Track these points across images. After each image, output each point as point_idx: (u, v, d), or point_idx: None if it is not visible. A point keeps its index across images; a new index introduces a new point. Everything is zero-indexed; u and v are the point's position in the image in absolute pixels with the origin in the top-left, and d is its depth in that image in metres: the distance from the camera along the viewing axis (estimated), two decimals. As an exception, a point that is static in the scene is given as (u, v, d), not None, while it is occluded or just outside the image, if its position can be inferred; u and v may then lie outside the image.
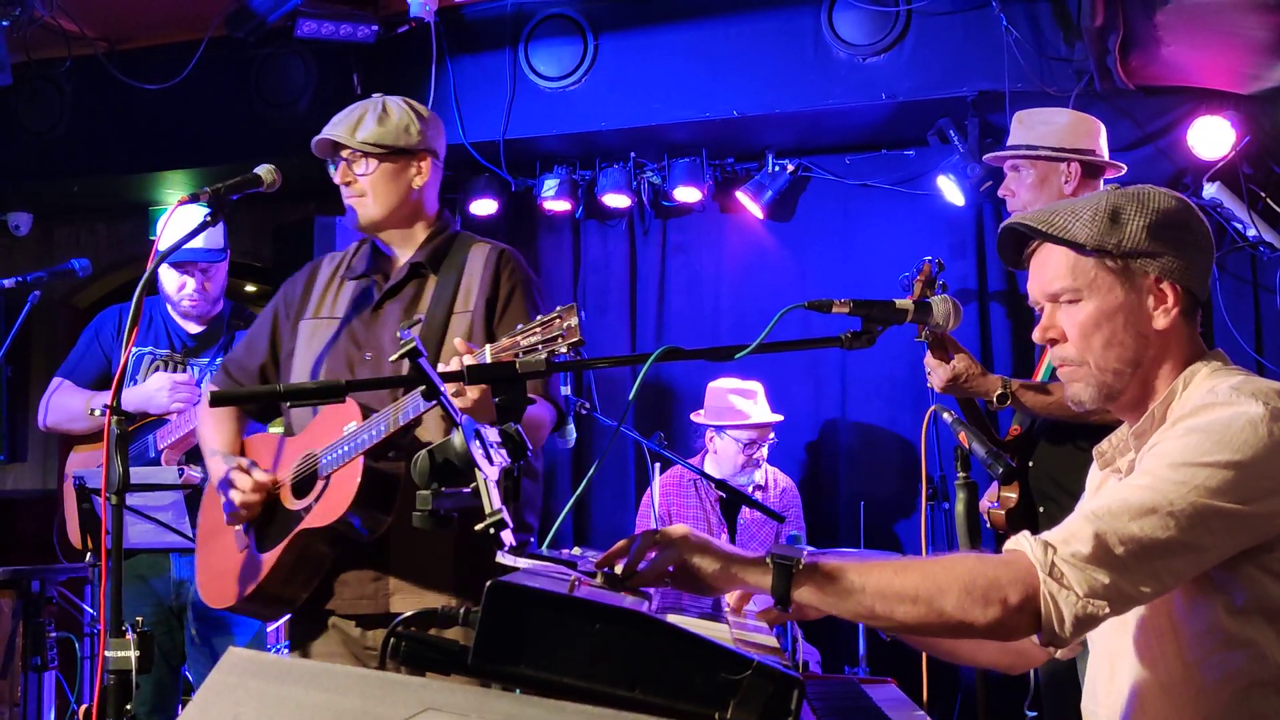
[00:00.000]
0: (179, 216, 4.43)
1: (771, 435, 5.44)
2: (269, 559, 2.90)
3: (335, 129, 3.09)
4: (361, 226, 3.13)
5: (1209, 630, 1.87)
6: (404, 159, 3.10)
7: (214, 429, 3.22)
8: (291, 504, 2.94)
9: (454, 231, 3.20)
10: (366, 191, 3.08)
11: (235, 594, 2.97)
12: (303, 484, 2.94)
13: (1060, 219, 1.99)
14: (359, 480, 2.77)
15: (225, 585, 3.03)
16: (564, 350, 2.19)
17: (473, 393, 2.58)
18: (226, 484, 2.96)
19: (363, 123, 3.09)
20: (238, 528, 3.02)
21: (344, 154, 3.09)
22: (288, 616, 3.13)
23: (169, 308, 4.48)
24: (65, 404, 4.49)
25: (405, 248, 3.15)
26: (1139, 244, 1.94)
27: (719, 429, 5.42)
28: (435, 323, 2.99)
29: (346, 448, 2.82)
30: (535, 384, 2.92)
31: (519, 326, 2.29)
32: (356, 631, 2.96)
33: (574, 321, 2.17)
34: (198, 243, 4.10)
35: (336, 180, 3.11)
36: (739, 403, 5.40)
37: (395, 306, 3.07)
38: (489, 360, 2.37)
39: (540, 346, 2.21)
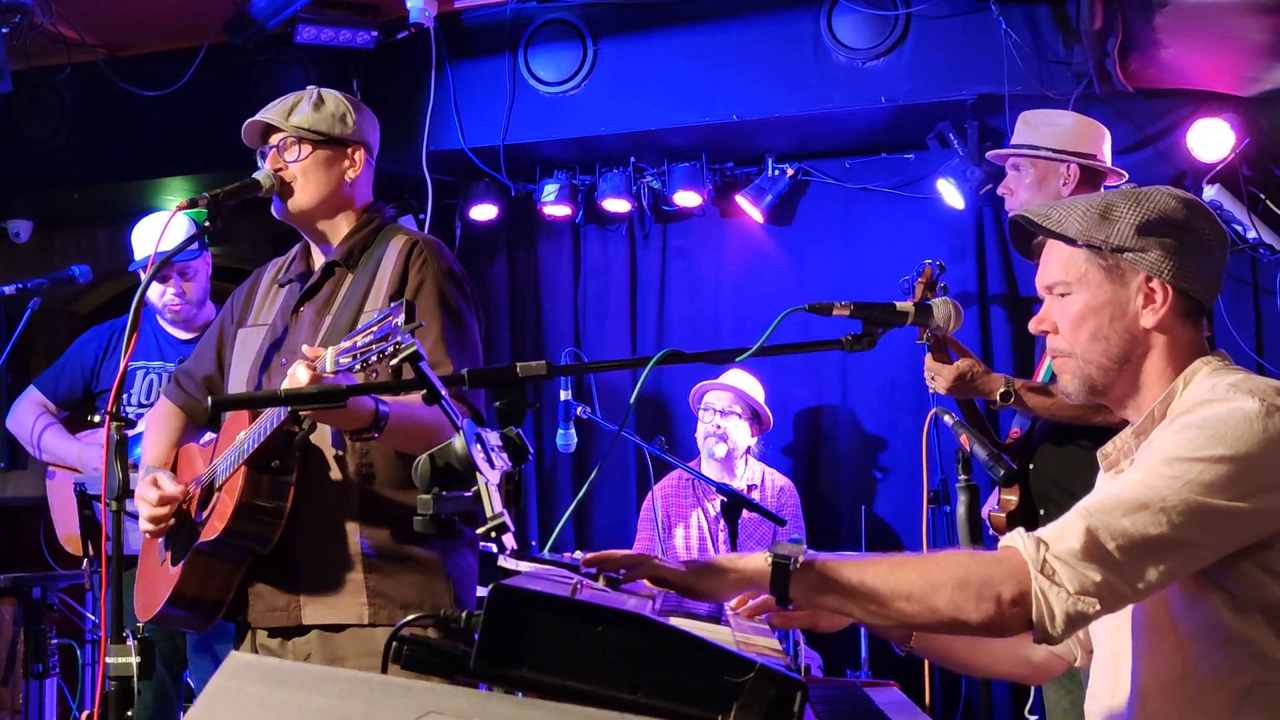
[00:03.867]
0: (151, 225, 4.47)
1: (737, 414, 5.42)
2: (177, 571, 2.87)
3: (268, 113, 3.02)
4: (289, 215, 3.04)
5: (1209, 628, 1.87)
6: (338, 149, 3.03)
7: (150, 442, 3.18)
8: (196, 515, 2.91)
9: (382, 222, 3.09)
10: (297, 178, 2.99)
11: (155, 605, 2.95)
12: (206, 495, 2.91)
13: (1057, 213, 2.03)
14: (239, 492, 2.72)
15: (149, 597, 3.02)
16: (391, 350, 2.13)
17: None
18: (138, 498, 2.93)
19: (298, 108, 3.02)
20: (159, 540, 3.00)
21: (275, 140, 3.01)
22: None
23: (157, 318, 4.49)
24: (21, 418, 4.57)
25: (329, 244, 3.07)
26: (1126, 241, 1.97)
27: (698, 405, 5.52)
28: (343, 322, 2.90)
29: (232, 459, 2.78)
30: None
31: (358, 327, 2.23)
32: (274, 643, 2.91)
33: (398, 320, 2.10)
34: (168, 246, 4.11)
35: (266, 168, 3.00)
36: (711, 381, 5.51)
37: (311, 309, 3.01)
38: (329, 368, 2.34)
39: (374, 347, 2.16)
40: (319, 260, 3.10)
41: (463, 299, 2.97)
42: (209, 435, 3.57)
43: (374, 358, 2.17)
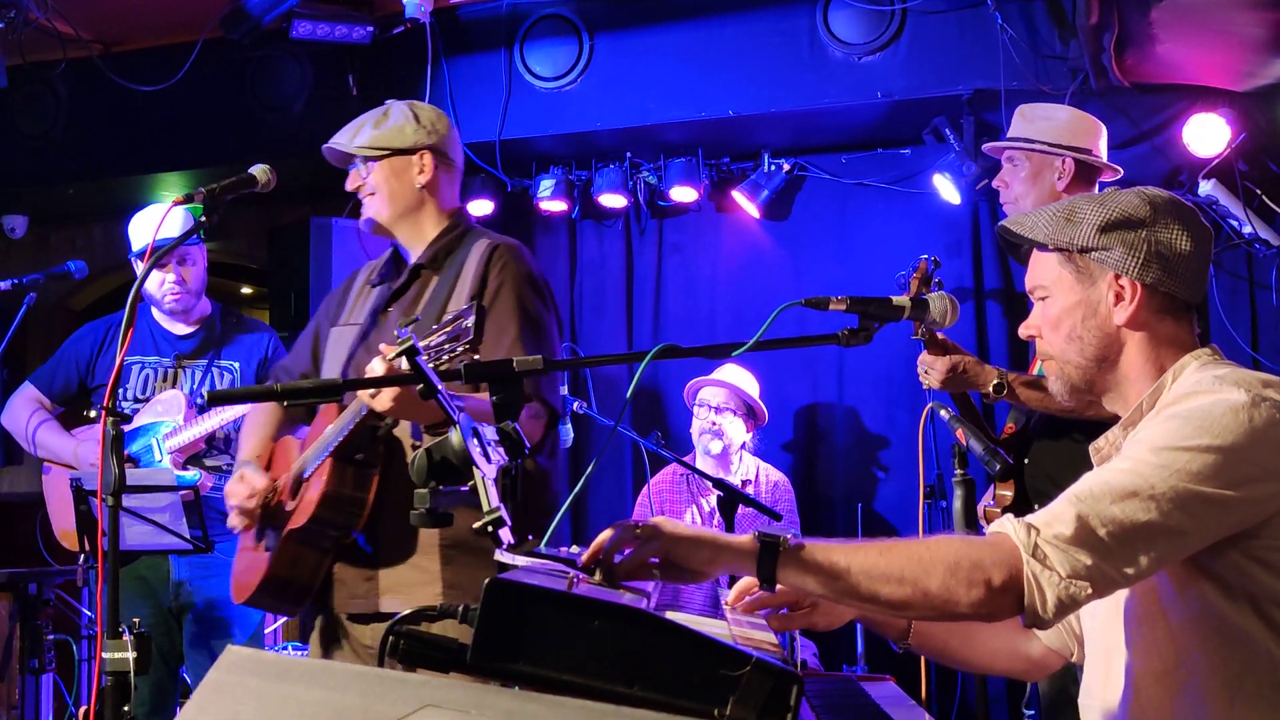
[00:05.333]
0: (149, 216, 4.46)
1: (732, 411, 5.42)
2: (270, 557, 3.01)
3: (338, 138, 3.21)
4: (374, 226, 3.21)
5: (1200, 617, 1.88)
6: (404, 158, 3.16)
7: (247, 436, 3.33)
8: (287, 505, 3.04)
9: (468, 227, 3.24)
10: (375, 191, 3.16)
11: (250, 589, 3.09)
12: (296, 485, 3.04)
13: (1030, 219, 2.07)
14: (323, 483, 2.86)
15: (244, 581, 3.17)
16: (461, 350, 2.27)
17: (385, 396, 2.65)
18: (227, 493, 3.08)
19: (361, 129, 3.19)
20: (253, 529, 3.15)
21: (353, 161, 3.19)
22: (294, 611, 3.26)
23: (153, 310, 4.47)
24: (16, 415, 4.56)
25: (416, 247, 3.21)
26: (1089, 241, 1.99)
27: (692, 402, 5.51)
28: (428, 323, 2.98)
29: (320, 451, 2.91)
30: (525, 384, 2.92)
31: (433, 327, 2.34)
32: (354, 627, 3.03)
33: (469, 323, 2.23)
34: (168, 233, 4.10)
35: (348, 187, 3.22)
36: (705, 378, 5.53)
37: (398, 309, 3.14)
38: (405, 365, 2.41)
39: (445, 347, 2.27)
40: (407, 261, 3.24)
41: (540, 303, 3.09)
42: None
43: (445, 356, 2.28)
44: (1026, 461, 3.62)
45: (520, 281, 3.05)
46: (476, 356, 2.24)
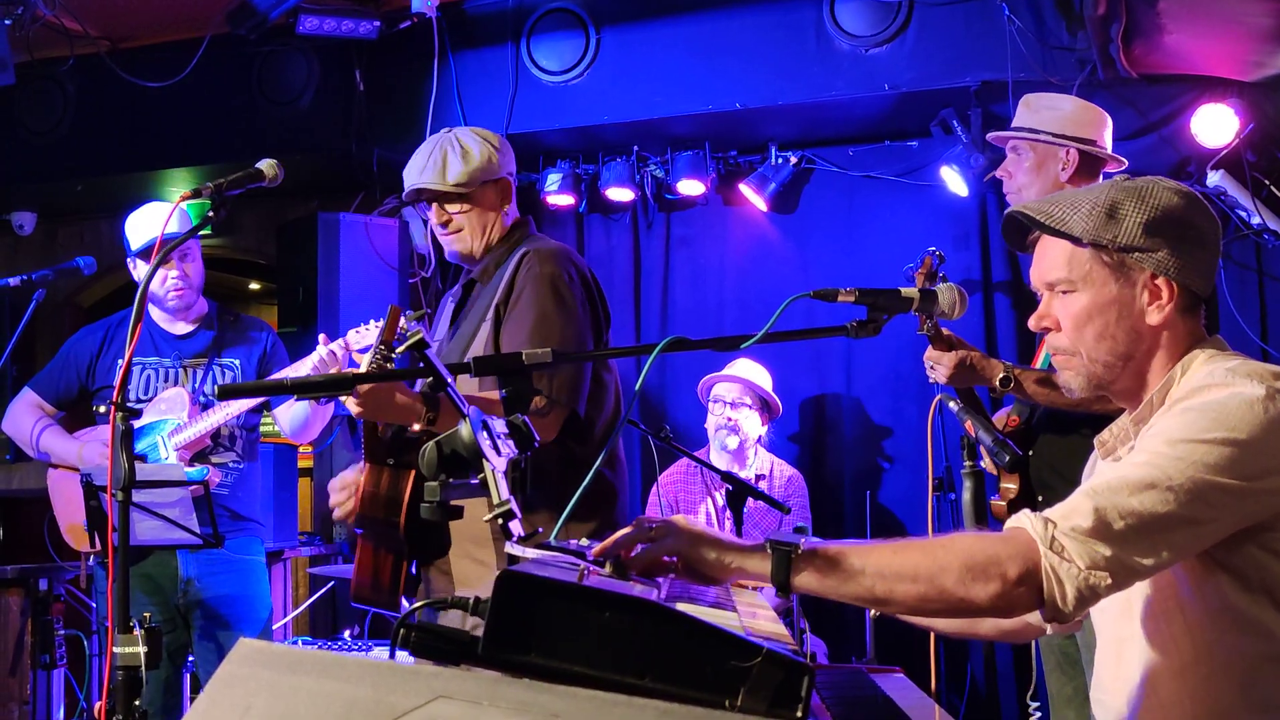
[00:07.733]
0: (145, 214, 4.45)
1: (748, 405, 5.43)
2: (357, 556, 3.18)
3: (425, 178, 3.22)
4: (461, 259, 3.31)
5: (1218, 611, 1.88)
6: (491, 189, 3.26)
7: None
8: None
9: (521, 238, 3.31)
10: (463, 226, 3.25)
11: (353, 589, 3.24)
12: None
13: (1059, 210, 2.00)
14: (362, 484, 3.00)
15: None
16: (392, 347, 2.39)
17: (352, 400, 2.79)
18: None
19: (448, 165, 3.21)
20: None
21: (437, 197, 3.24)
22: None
23: (152, 312, 4.45)
24: (18, 421, 4.55)
25: (476, 265, 3.33)
26: (1134, 240, 1.95)
27: (707, 398, 5.52)
28: (468, 332, 3.18)
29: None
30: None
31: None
32: None
33: (394, 322, 2.34)
34: (170, 229, 4.10)
35: (432, 221, 3.27)
36: (719, 374, 5.53)
37: (461, 320, 3.28)
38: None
39: (374, 347, 2.40)
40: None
41: (558, 304, 3.11)
42: None
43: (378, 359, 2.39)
44: (1031, 454, 3.61)
45: (540, 283, 3.10)
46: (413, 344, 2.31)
